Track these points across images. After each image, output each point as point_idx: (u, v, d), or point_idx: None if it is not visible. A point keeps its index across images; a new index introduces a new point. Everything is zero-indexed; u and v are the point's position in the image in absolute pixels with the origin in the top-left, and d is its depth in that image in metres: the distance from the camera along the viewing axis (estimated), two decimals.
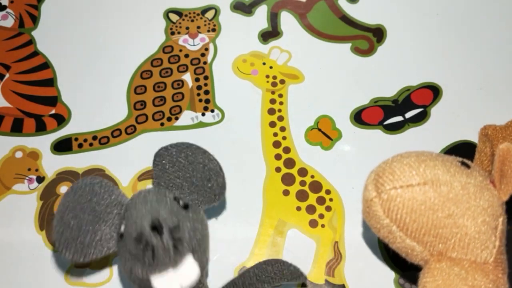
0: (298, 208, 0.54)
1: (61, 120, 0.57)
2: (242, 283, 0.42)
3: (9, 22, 0.61)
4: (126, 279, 0.39)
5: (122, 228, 0.38)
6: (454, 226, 0.34)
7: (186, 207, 0.39)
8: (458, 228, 0.34)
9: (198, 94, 0.59)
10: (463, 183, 0.35)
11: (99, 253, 0.39)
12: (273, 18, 0.62)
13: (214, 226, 0.52)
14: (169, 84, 0.59)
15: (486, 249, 0.35)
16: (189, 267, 0.36)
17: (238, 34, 0.61)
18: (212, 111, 0.58)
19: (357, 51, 0.61)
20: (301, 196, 0.54)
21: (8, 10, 0.61)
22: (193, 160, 0.41)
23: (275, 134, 0.57)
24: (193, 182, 0.41)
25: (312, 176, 0.55)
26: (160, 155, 0.41)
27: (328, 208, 0.54)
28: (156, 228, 0.34)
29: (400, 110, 0.58)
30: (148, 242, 0.34)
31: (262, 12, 0.62)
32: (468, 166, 0.37)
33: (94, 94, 0.59)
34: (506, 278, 0.36)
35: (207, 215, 0.43)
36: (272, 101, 0.58)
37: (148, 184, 0.54)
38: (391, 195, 0.34)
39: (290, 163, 0.56)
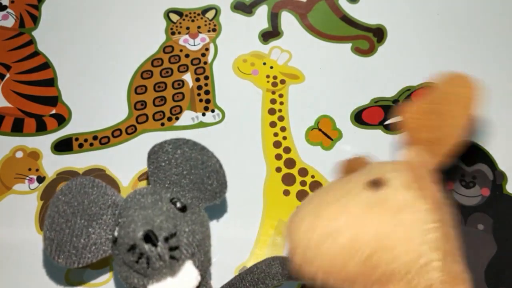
0: None
1: (61, 120, 0.57)
2: (251, 278, 0.41)
3: (10, 22, 0.61)
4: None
5: (116, 232, 0.35)
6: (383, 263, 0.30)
7: (183, 209, 0.36)
8: (389, 263, 0.30)
9: (199, 94, 0.58)
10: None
11: (94, 257, 0.37)
12: (274, 18, 0.62)
13: (215, 226, 0.52)
14: (169, 84, 0.59)
15: (425, 272, 0.29)
16: (188, 273, 0.34)
17: (239, 34, 0.61)
18: (213, 111, 0.58)
19: (358, 51, 0.60)
20: (302, 196, 0.54)
21: (8, 10, 0.61)
22: (190, 157, 0.39)
23: (276, 134, 0.57)
24: (192, 180, 0.39)
25: (313, 176, 0.55)
26: (155, 153, 0.39)
27: None
28: (150, 238, 0.32)
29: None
30: (142, 253, 0.32)
31: (262, 12, 0.62)
32: (380, 184, 0.31)
33: (94, 94, 0.59)
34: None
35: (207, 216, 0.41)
36: (273, 101, 0.58)
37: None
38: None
39: (290, 163, 0.56)
